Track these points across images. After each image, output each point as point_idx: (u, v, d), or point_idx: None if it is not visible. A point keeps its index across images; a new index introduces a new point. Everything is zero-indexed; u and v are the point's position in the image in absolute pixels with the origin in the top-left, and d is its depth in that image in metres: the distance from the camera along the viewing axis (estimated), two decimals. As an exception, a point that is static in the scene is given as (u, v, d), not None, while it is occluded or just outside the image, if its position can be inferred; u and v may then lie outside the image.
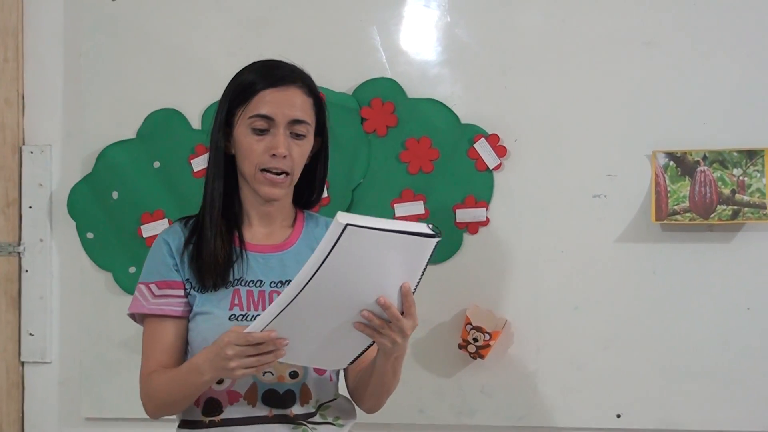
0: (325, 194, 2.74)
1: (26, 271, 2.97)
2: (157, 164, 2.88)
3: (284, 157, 1.91)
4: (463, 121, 2.74)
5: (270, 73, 1.95)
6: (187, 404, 1.90)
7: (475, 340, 2.66)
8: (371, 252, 1.65)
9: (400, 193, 2.76)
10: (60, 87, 2.99)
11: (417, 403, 2.76)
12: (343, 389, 2.05)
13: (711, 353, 2.62)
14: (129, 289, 2.86)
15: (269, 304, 1.77)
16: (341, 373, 2.03)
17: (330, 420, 1.95)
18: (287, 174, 1.94)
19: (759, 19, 2.61)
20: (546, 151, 2.70)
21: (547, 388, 2.70)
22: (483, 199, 2.72)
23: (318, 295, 1.67)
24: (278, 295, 1.74)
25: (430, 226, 1.68)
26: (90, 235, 2.92)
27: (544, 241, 2.70)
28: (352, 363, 1.85)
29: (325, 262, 1.63)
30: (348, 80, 2.80)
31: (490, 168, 2.72)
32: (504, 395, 2.72)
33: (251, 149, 1.92)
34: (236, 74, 1.99)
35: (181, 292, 1.93)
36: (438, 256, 2.73)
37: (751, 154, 2.57)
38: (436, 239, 1.67)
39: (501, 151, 2.71)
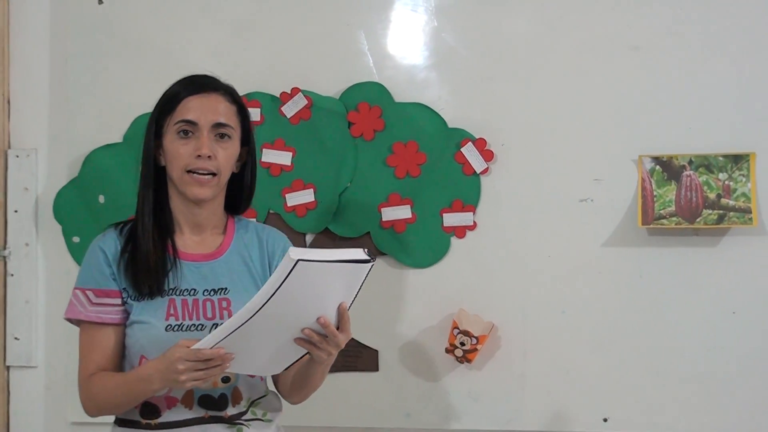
0: (311, 198, 2.77)
1: (12, 275, 2.95)
2: (143, 168, 2.87)
3: (209, 157, 2.00)
4: (451, 125, 2.74)
5: (193, 82, 2.06)
6: (128, 408, 2.01)
7: (462, 344, 2.66)
8: (317, 281, 1.83)
9: (387, 197, 2.76)
10: (46, 90, 2.98)
11: (404, 407, 2.76)
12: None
13: (697, 357, 2.63)
14: (115, 294, 2.86)
15: (202, 313, 2.00)
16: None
17: (259, 416, 2.08)
18: (214, 174, 2.02)
19: (745, 24, 2.62)
20: (533, 155, 2.71)
21: (535, 392, 2.70)
22: (470, 204, 2.73)
23: (266, 318, 1.82)
24: (211, 303, 2.00)
25: (366, 251, 1.86)
26: (76, 239, 2.91)
27: (531, 245, 2.70)
28: (286, 369, 2.01)
29: (276, 293, 1.79)
30: (335, 84, 2.80)
31: (478, 172, 2.72)
32: (491, 399, 2.72)
33: (178, 153, 2.01)
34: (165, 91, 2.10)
35: (119, 301, 2.02)
36: (425, 261, 2.75)
37: (737, 159, 2.58)
38: (371, 264, 1.86)
39: (488, 156, 2.72)
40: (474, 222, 2.73)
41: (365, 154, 2.77)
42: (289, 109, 2.79)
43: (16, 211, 2.96)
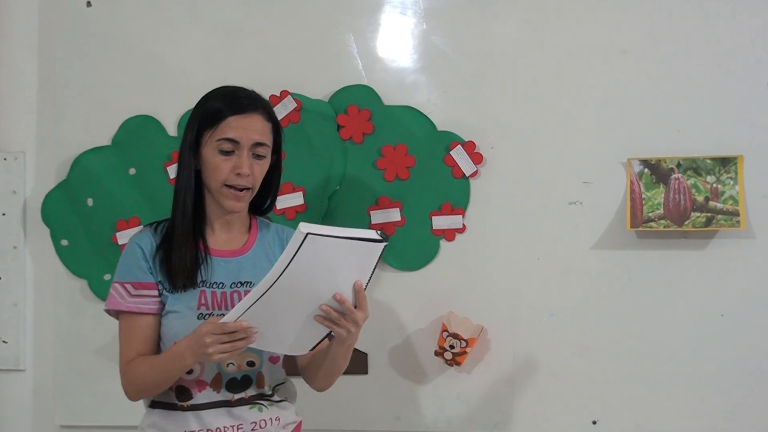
0: (301, 201, 2.78)
1: (0, 278, 2.94)
2: (132, 171, 2.87)
3: (248, 175, 2.16)
4: (440, 128, 2.75)
5: (236, 102, 2.18)
6: (166, 387, 2.14)
7: (452, 347, 2.66)
8: (328, 256, 1.92)
9: (376, 200, 2.76)
10: (34, 93, 2.97)
11: (393, 410, 2.76)
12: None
13: (685, 359, 2.63)
14: (104, 297, 2.83)
15: (230, 304, 2.14)
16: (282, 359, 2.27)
17: (282, 398, 2.24)
18: (249, 189, 2.19)
19: (732, 28, 2.63)
20: (522, 158, 2.71)
21: (524, 394, 2.71)
22: (459, 206, 2.73)
23: (283, 292, 1.93)
24: (238, 295, 2.15)
25: (379, 232, 1.96)
26: (65, 242, 2.90)
27: (521, 248, 2.71)
28: (312, 350, 2.13)
29: (290, 265, 1.89)
30: (324, 87, 2.80)
31: (467, 175, 2.73)
32: (480, 402, 2.72)
33: (218, 168, 2.16)
34: (203, 99, 2.21)
35: (155, 293, 2.17)
36: (414, 263, 2.75)
37: (725, 162, 2.59)
38: (384, 244, 1.96)
39: (477, 159, 2.72)
40: (463, 225, 2.73)
41: (354, 157, 2.77)
42: (279, 112, 2.78)
43: (3, 214, 2.95)
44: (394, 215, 2.75)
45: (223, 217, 2.22)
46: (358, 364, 2.75)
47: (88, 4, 2.90)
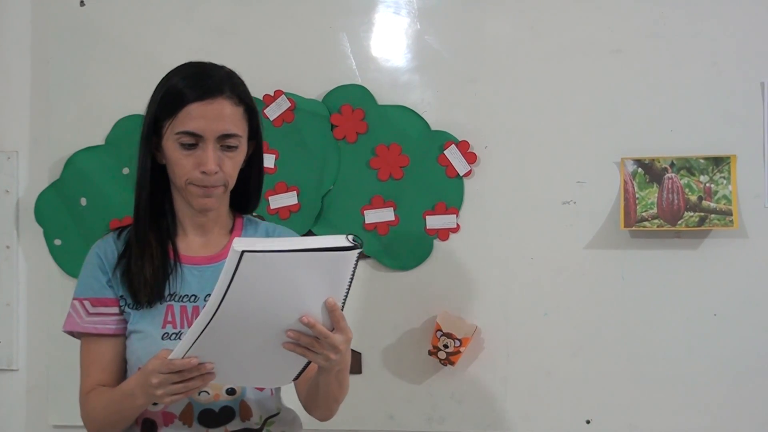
0: (295, 201, 2.77)
1: (-7, 278, 2.95)
2: (126, 171, 2.86)
3: (215, 173, 1.82)
4: (434, 127, 2.75)
5: (197, 84, 1.84)
6: (125, 425, 1.86)
7: (446, 346, 2.66)
8: (280, 273, 1.62)
9: (370, 199, 2.76)
10: (27, 93, 2.96)
11: (387, 410, 2.76)
12: (287, 401, 2.01)
13: (679, 358, 2.64)
14: (97, 297, 2.85)
15: None
16: (282, 387, 1.98)
17: None
18: (222, 186, 1.86)
19: (725, 27, 2.64)
20: (516, 157, 2.72)
21: (517, 394, 2.71)
22: (453, 206, 2.73)
23: (233, 320, 1.63)
24: None
25: (350, 236, 1.62)
26: (58, 242, 2.89)
27: (514, 247, 2.71)
28: (296, 379, 1.81)
29: (229, 290, 1.60)
30: (318, 87, 2.80)
31: (461, 174, 2.73)
32: (474, 401, 2.73)
33: (180, 164, 1.83)
34: (163, 79, 1.90)
35: (116, 310, 1.87)
36: (408, 263, 2.75)
37: (718, 161, 2.59)
38: (357, 251, 1.62)
39: (471, 158, 2.72)
40: (457, 224, 2.73)
41: (348, 157, 2.77)
42: (272, 112, 2.78)
43: (-4, 214, 2.95)
44: (387, 215, 2.75)
45: (195, 217, 1.89)
46: (352, 363, 2.73)
47: (82, 3, 2.90)
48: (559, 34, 2.71)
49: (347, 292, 1.69)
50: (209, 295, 1.72)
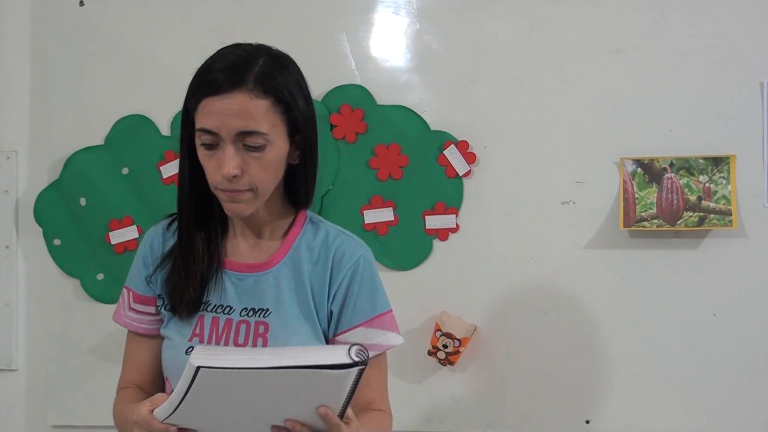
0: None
1: (-8, 278, 2.95)
2: (125, 171, 2.86)
3: (234, 176, 1.62)
4: (433, 127, 2.75)
5: (216, 74, 1.64)
6: None
7: (445, 346, 2.66)
8: (245, 387, 1.44)
9: (369, 199, 2.76)
10: (27, 93, 2.96)
11: (386, 410, 2.76)
12: None
13: (678, 359, 2.64)
14: (96, 297, 2.85)
15: (235, 338, 1.65)
16: None
17: None
18: (249, 190, 1.66)
19: (725, 27, 2.64)
20: (515, 157, 2.71)
21: (517, 394, 2.70)
22: (453, 206, 2.73)
23: (210, 407, 1.48)
24: (246, 326, 1.64)
25: (353, 351, 1.40)
26: (57, 242, 2.89)
27: (514, 247, 2.71)
28: None
29: (185, 400, 1.45)
30: (317, 87, 2.77)
31: (460, 174, 2.73)
32: (473, 401, 2.72)
33: (205, 166, 1.66)
34: (197, 70, 1.72)
35: (153, 309, 1.76)
36: (407, 263, 2.75)
37: (717, 161, 2.59)
38: (356, 368, 1.39)
39: (470, 158, 2.72)
40: (456, 224, 2.73)
41: (347, 157, 2.77)
42: (272, 112, 2.79)
43: (-4, 214, 2.95)
44: (387, 215, 2.75)
45: (238, 219, 1.72)
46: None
47: (81, 3, 2.90)
48: (559, 34, 2.71)
49: (347, 403, 1.49)
50: (245, 309, 1.66)
